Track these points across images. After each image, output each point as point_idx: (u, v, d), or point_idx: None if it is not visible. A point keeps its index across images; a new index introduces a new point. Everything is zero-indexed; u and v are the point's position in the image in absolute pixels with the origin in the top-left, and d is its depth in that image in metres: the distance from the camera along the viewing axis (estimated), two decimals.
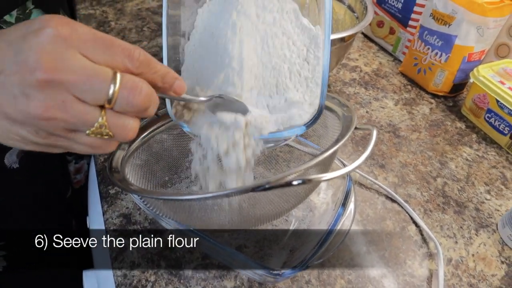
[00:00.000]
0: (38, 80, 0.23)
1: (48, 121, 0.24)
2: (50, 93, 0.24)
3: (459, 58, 0.68)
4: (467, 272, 0.47)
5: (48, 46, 0.24)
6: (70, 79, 0.24)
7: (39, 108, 0.24)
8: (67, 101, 0.24)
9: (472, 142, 0.65)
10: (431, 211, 0.53)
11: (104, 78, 0.25)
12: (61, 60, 0.24)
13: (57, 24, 0.24)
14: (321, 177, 0.31)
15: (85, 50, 0.25)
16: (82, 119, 0.25)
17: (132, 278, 0.44)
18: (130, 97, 0.26)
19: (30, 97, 0.24)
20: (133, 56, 0.26)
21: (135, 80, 0.26)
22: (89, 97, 0.25)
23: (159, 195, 0.36)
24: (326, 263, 0.46)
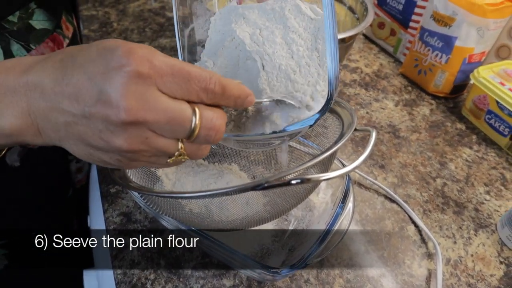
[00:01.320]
0: (122, 121, 0.25)
1: (132, 153, 0.26)
2: (133, 131, 0.25)
3: (460, 60, 0.68)
4: (465, 272, 0.47)
5: (130, 88, 0.25)
6: (153, 119, 0.25)
7: (123, 143, 0.26)
8: (150, 137, 0.26)
9: (472, 143, 0.65)
10: (430, 211, 0.54)
11: (185, 119, 0.26)
12: (143, 101, 0.25)
13: (137, 62, 0.25)
14: (319, 177, 0.31)
15: (164, 86, 0.26)
16: (163, 151, 0.27)
17: (132, 276, 0.44)
18: (207, 137, 0.28)
19: (115, 133, 0.25)
20: (208, 88, 0.27)
21: (213, 119, 0.28)
22: (170, 134, 0.27)
23: (159, 193, 0.36)
24: (325, 262, 0.46)
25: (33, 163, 0.53)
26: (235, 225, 0.38)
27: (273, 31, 0.38)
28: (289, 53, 0.37)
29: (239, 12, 0.39)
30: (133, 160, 0.28)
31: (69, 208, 0.67)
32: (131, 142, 0.26)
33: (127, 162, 0.28)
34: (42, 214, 0.60)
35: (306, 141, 0.51)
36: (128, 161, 0.28)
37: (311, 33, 0.37)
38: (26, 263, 0.60)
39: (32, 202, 0.57)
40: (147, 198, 0.39)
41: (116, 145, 0.26)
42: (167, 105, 0.26)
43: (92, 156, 0.28)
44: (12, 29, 0.44)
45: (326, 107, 0.34)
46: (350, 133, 0.37)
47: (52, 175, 0.61)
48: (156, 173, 0.46)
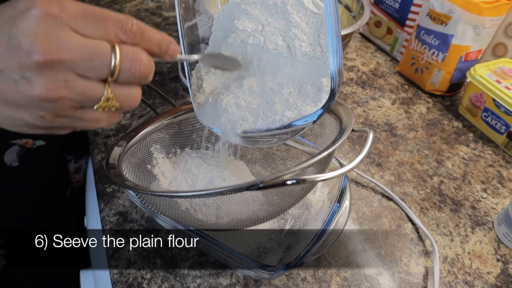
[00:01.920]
0: (36, 63, 0.23)
1: (54, 102, 0.24)
2: (50, 74, 0.24)
3: (456, 58, 0.68)
4: (462, 270, 0.47)
5: (39, 27, 0.23)
6: (69, 58, 0.24)
7: (42, 90, 0.24)
8: (70, 80, 0.24)
9: (469, 141, 0.65)
10: (427, 209, 0.54)
11: (103, 53, 0.25)
12: (55, 40, 0.23)
13: (44, 3, 0.24)
14: (315, 178, 0.31)
15: (77, 26, 0.24)
16: (89, 95, 0.25)
17: (128, 276, 0.44)
18: (132, 69, 0.26)
19: (32, 81, 0.23)
20: (126, 27, 0.26)
21: (134, 51, 0.26)
22: (91, 73, 0.25)
23: (154, 191, 0.36)
24: (322, 260, 0.46)
25: (32, 163, 0.53)
26: (231, 225, 0.38)
27: (275, 27, 0.37)
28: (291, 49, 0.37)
29: (241, 8, 0.39)
30: (58, 116, 0.26)
31: (67, 208, 0.66)
32: (50, 87, 0.24)
33: (51, 119, 0.26)
34: (41, 214, 0.60)
35: (303, 140, 0.51)
36: (52, 116, 0.25)
37: (313, 28, 0.36)
38: (24, 263, 0.60)
39: (30, 202, 0.57)
40: (143, 197, 0.39)
41: (35, 93, 0.24)
42: (82, 42, 0.24)
43: (14, 120, 0.26)
44: None
45: (329, 102, 0.33)
46: (347, 133, 0.37)
47: (51, 175, 0.61)
48: (153, 172, 0.46)
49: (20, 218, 0.57)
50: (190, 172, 0.46)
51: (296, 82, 0.37)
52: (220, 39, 0.41)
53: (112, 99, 0.27)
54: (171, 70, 0.75)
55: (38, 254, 0.61)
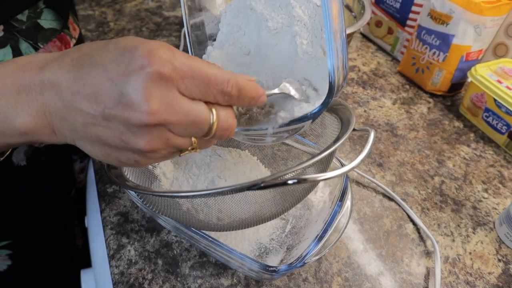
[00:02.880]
0: (146, 124, 0.25)
1: (151, 153, 0.27)
2: (155, 133, 0.26)
3: (457, 57, 0.68)
4: (464, 270, 0.47)
5: (152, 89, 0.24)
6: (175, 122, 0.26)
7: (146, 145, 0.26)
8: (170, 138, 0.27)
9: (470, 141, 0.65)
10: (428, 209, 0.54)
11: (204, 121, 0.27)
12: (165, 103, 0.25)
13: (159, 63, 0.25)
14: (316, 177, 0.31)
15: (184, 89, 0.26)
16: (180, 148, 0.28)
17: (129, 276, 0.44)
18: (221, 136, 0.29)
19: (137, 135, 0.25)
20: (226, 92, 0.27)
21: (228, 120, 0.29)
22: (188, 135, 0.28)
23: (155, 192, 0.36)
24: (323, 261, 0.46)
25: (39, 162, 0.53)
26: (233, 225, 0.38)
27: (278, 22, 0.37)
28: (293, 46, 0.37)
29: (246, 4, 0.39)
30: (149, 158, 0.28)
31: (71, 207, 0.66)
32: (153, 143, 0.26)
33: (144, 161, 0.28)
34: (46, 213, 0.60)
35: (304, 140, 0.51)
36: (145, 159, 0.28)
37: (317, 21, 0.36)
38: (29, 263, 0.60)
39: (36, 201, 0.57)
40: (144, 197, 0.39)
41: (138, 146, 0.26)
42: (188, 107, 0.26)
43: (109, 157, 0.28)
44: (21, 28, 0.44)
45: (328, 99, 0.33)
46: (348, 132, 0.37)
47: (57, 175, 0.61)
48: (154, 172, 0.46)
49: (26, 218, 0.57)
50: (191, 172, 0.46)
51: (298, 79, 0.37)
52: (227, 34, 0.41)
53: (196, 148, 0.29)
54: None
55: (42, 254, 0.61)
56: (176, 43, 0.84)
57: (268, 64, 0.39)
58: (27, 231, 0.58)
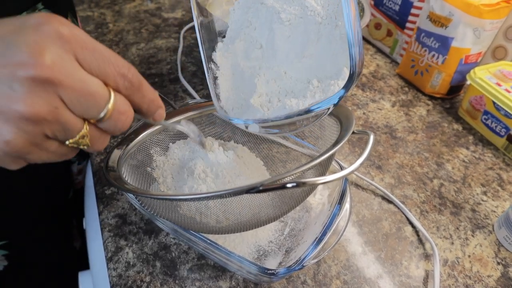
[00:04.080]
0: (32, 77, 0.21)
1: (34, 124, 0.22)
2: (42, 94, 0.22)
3: (456, 60, 0.68)
4: (463, 273, 0.47)
5: (46, 44, 0.22)
6: (68, 85, 0.22)
7: (28, 107, 0.21)
8: (59, 107, 0.23)
9: (468, 144, 0.65)
10: (427, 212, 0.54)
11: (101, 97, 0.24)
12: (60, 62, 0.22)
13: (58, 23, 0.22)
14: (316, 181, 0.31)
15: (82, 57, 0.23)
16: (69, 128, 0.24)
17: (127, 278, 0.44)
18: (118, 121, 0.26)
19: (19, 95, 0.21)
20: (126, 75, 0.25)
21: (126, 105, 0.26)
22: (79, 109, 0.24)
23: (153, 195, 0.36)
24: (321, 263, 0.46)
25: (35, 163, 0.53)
26: (231, 228, 0.38)
27: (291, 13, 0.37)
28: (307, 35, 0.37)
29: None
30: (27, 142, 0.23)
31: (69, 209, 0.66)
32: (37, 105, 0.21)
33: (20, 145, 0.23)
34: (43, 214, 0.60)
35: (303, 142, 0.51)
36: (22, 142, 0.23)
37: (330, 10, 0.36)
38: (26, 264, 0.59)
39: (33, 202, 0.57)
40: (142, 200, 0.39)
41: (19, 108, 0.21)
42: (85, 77, 0.23)
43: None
44: None
45: (350, 83, 0.33)
46: (348, 135, 0.37)
47: (54, 176, 0.60)
48: (153, 174, 0.46)
49: (22, 218, 0.57)
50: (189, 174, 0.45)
51: (314, 68, 0.37)
52: (236, 31, 0.42)
53: (86, 138, 0.25)
54: (171, 72, 0.75)
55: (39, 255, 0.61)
56: (175, 45, 0.84)
57: (281, 56, 0.39)
58: (24, 231, 0.57)
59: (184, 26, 0.90)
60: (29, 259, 0.60)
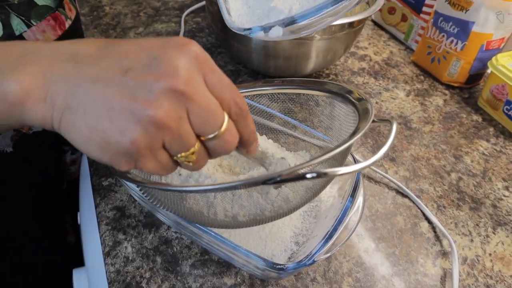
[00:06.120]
0: (171, 88, 0.24)
1: (159, 129, 0.25)
2: (174, 103, 0.25)
3: (477, 46, 0.67)
4: (483, 272, 0.47)
5: (186, 63, 0.25)
6: (197, 100, 0.26)
7: (160, 112, 0.24)
8: (183, 118, 0.26)
9: (489, 136, 0.65)
10: (444, 207, 0.53)
11: (220, 117, 0.27)
12: (193, 78, 0.26)
13: (197, 46, 0.27)
14: (337, 171, 0.30)
15: (209, 79, 0.27)
16: (185, 141, 0.27)
17: (126, 274, 0.44)
18: (226, 143, 0.29)
19: (153, 100, 0.24)
20: (238, 103, 0.29)
21: (235, 132, 0.30)
22: (198, 125, 0.27)
23: (163, 186, 0.35)
24: (332, 260, 0.46)
25: (27, 150, 0.53)
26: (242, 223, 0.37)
27: None
28: None
29: None
30: (146, 147, 0.26)
31: (62, 202, 0.66)
32: (167, 111, 0.25)
33: (139, 148, 0.25)
34: (35, 207, 0.60)
35: (313, 131, 0.51)
36: (143, 145, 0.25)
37: None
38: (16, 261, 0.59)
39: (23, 194, 0.57)
40: (147, 192, 0.38)
41: (150, 112, 0.24)
42: (210, 96, 0.27)
43: (96, 132, 0.25)
44: (13, 2, 0.44)
45: None
46: (369, 123, 0.36)
47: (46, 166, 0.60)
48: None
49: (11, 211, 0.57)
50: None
51: None
52: None
53: (195, 154, 0.28)
54: None
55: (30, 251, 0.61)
56: (176, 29, 0.83)
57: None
58: (13, 226, 0.57)
59: (185, 9, 0.90)
60: (19, 256, 0.60)
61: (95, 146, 0.26)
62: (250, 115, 0.31)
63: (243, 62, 0.74)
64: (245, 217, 0.36)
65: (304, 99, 0.49)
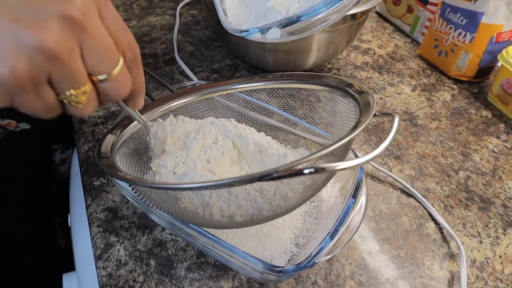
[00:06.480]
0: (64, 14, 0.23)
1: (47, 59, 0.23)
2: (65, 33, 0.23)
3: (486, 38, 0.67)
4: (493, 275, 0.47)
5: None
6: (91, 33, 0.24)
7: (50, 38, 0.23)
8: (75, 51, 0.24)
9: (499, 132, 0.65)
10: (452, 207, 0.53)
11: (113, 57, 0.27)
12: (88, 9, 0.24)
13: None
14: (336, 166, 0.30)
15: (105, 15, 0.26)
16: (74, 77, 0.25)
17: (118, 278, 0.44)
18: (119, 86, 0.28)
19: (46, 26, 0.23)
20: (133, 48, 0.29)
21: (128, 76, 0.29)
22: (91, 62, 0.26)
23: (154, 184, 0.35)
24: (334, 262, 0.46)
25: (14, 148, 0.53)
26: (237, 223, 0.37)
27: None
28: None
29: None
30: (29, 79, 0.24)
31: (52, 204, 0.66)
32: (57, 39, 0.23)
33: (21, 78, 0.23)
34: (23, 210, 0.60)
35: (313, 128, 0.51)
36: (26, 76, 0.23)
37: None
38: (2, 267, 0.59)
39: (10, 195, 0.57)
40: (138, 190, 0.38)
41: (39, 35, 0.22)
42: (105, 32, 0.26)
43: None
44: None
45: None
46: (370, 117, 0.36)
47: (34, 166, 0.60)
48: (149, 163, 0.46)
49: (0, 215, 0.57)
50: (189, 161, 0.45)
51: None
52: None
53: (85, 95, 0.27)
54: (166, 52, 0.75)
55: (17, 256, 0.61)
56: (171, 22, 0.83)
57: None
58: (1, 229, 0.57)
59: (180, 1, 0.90)
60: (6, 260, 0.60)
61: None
62: (140, 61, 0.31)
63: (241, 56, 0.74)
64: (242, 217, 0.36)
65: (305, 94, 0.49)
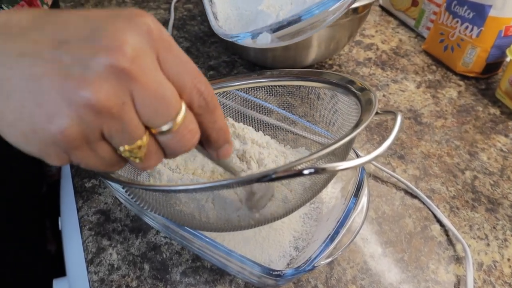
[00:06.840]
0: (112, 66, 0.22)
1: (97, 114, 0.22)
2: (116, 85, 0.22)
3: (494, 32, 0.68)
4: (501, 279, 0.47)
5: (135, 37, 0.23)
6: (142, 82, 0.23)
7: (98, 94, 0.22)
8: (127, 104, 0.23)
9: (508, 130, 0.65)
10: (458, 208, 0.54)
11: (172, 105, 0.24)
12: (141, 56, 0.23)
13: (151, 19, 0.24)
14: (337, 166, 0.30)
15: (165, 60, 0.25)
16: (128, 131, 0.24)
17: (110, 283, 0.44)
18: (182, 139, 0.26)
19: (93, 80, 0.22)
20: (203, 92, 0.26)
21: (195, 124, 0.27)
22: (146, 114, 0.24)
23: (150, 186, 0.36)
24: (335, 266, 0.47)
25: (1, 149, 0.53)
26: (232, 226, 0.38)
27: None
28: None
29: None
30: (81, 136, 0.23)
31: (42, 206, 0.67)
32: (106, 94, 0.22)
33: (71, 137, 0.23)
34: (12, 213, 0.60)
35: (313, 127, 0.51)
36: (76, 134, 0.23)
37: None
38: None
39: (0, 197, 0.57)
40: (134, 194, 0.39)
41: (87, 92, 0.22)
42: (163, 80, 0.24)
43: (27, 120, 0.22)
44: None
45: None
46: (372, 115, 0.37)
47: (24, 168, 0.61)
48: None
49: None
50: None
51: None
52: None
53: (143, 149, 0.25)
54: None
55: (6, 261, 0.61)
56: (165, 17, 0.84)
57: None
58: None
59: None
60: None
61: (21, 135, 0.23)
62: (220, 109, 0.28)
63: (239, 52, 0.74)
64: (240, 218, 0.37)
65: (305, 92, 0.49)
